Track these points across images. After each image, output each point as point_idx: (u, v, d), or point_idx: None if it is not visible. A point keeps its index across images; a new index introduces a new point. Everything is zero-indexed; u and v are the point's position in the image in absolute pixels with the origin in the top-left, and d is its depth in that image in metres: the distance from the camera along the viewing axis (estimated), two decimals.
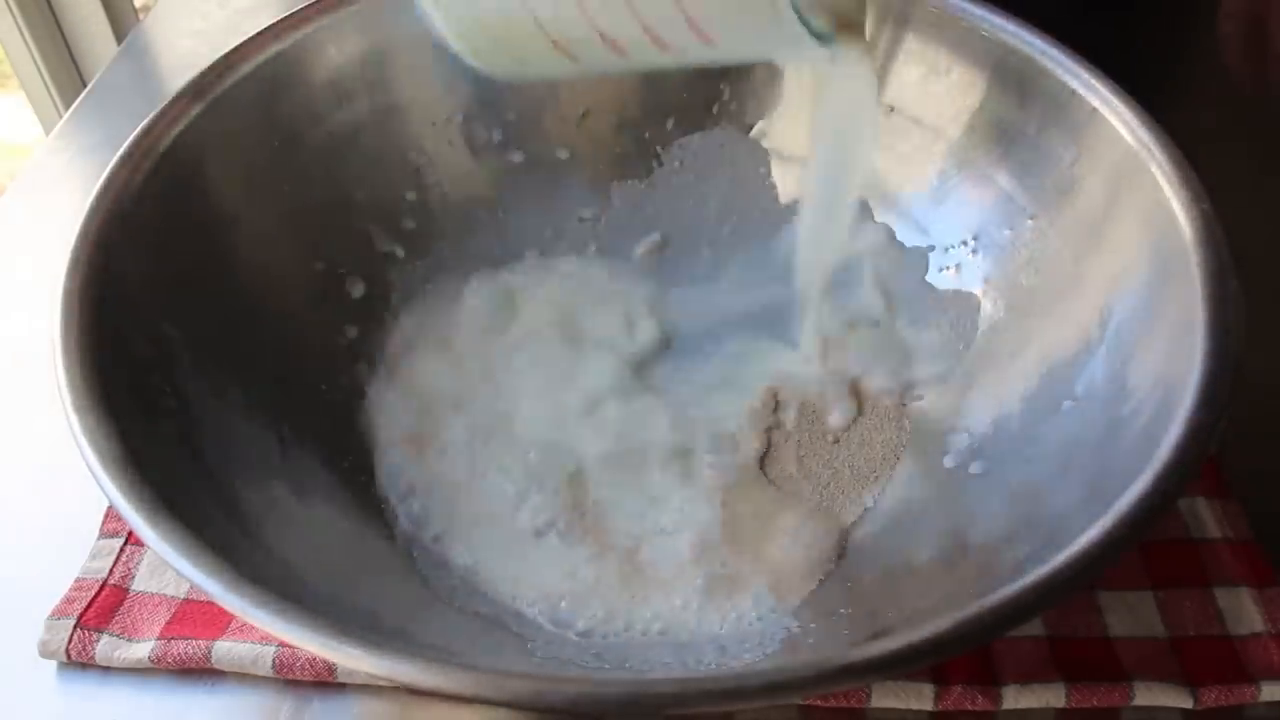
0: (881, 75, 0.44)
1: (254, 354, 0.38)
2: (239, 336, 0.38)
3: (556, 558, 0.38)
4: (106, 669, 0.35)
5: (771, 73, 0.46)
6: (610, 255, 0.47)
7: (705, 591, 0.36)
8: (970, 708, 0.34)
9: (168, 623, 0.36)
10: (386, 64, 0.43)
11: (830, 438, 0.41)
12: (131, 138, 0.36)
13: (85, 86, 0.60)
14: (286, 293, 0.41)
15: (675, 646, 0.35)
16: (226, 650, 0.35)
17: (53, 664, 0.36)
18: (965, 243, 0.42)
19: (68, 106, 0.65)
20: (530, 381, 0.43)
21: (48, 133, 0.71)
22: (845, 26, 0.32)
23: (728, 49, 0.33)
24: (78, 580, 0.37)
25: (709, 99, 0.47)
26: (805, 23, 0.30)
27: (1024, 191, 0.40)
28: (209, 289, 0.37)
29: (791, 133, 0.46)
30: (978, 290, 0.41)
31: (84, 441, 0.29)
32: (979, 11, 0.40)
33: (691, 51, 0.32)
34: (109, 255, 0.33)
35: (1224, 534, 0.38)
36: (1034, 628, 0.35)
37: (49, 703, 0.35)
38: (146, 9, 0.77)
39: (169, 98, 0.38)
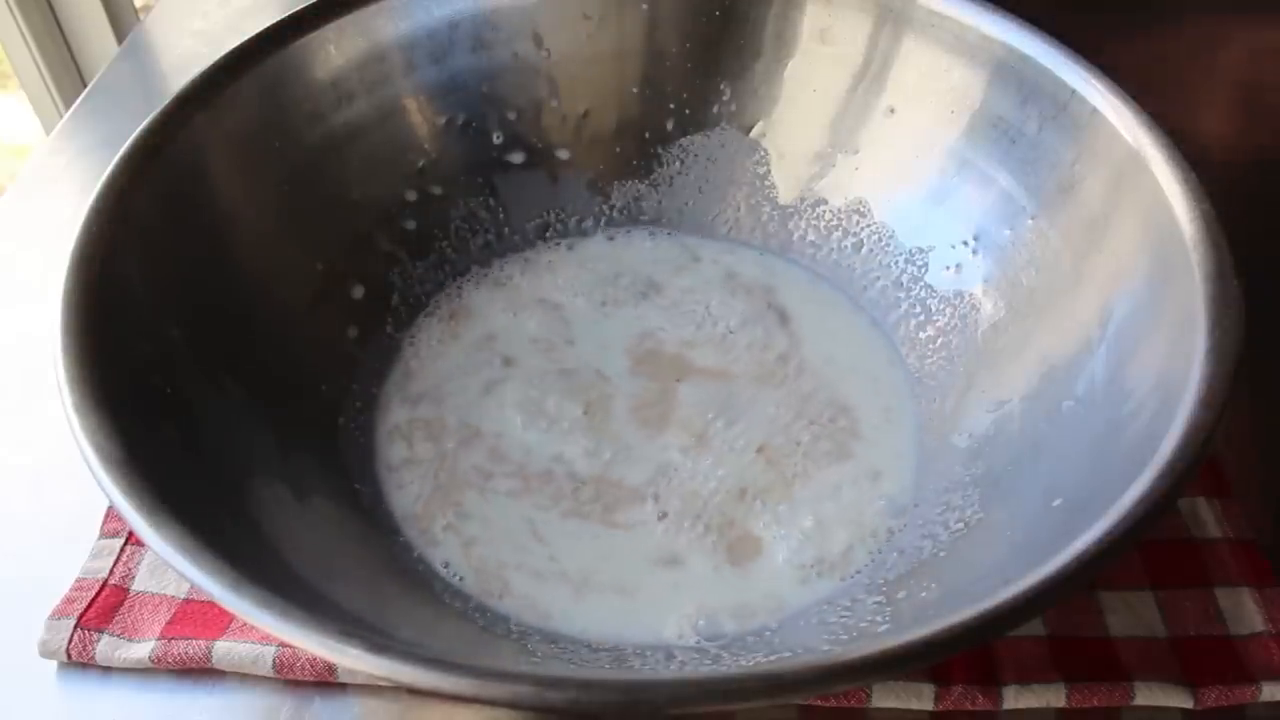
0: (881, 75, 0.44)
1: (254, 354, 0.38)
2: (239, 337, 0.38)
3: (558, 567, 0.38)
4: (107, 669, 0.35)
5: (771, 72, 0.46)
6: (609, 255, 0.47)
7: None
8: (970, 708, 0.34)
9: (168, 623, 0.36)
10: (386, 64, 0.43)
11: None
12: (131, 138, 0.36)
13: (85, 86, 0.60)
14: (287, 293, 0.41)
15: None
16: (227, 650, 0.35)
17: (53, 664, 0.36)
18: (965, 243, 0.42)
19: (68, 106, 0.65)
20: (531, 388, 0.43)
21: (48, 133, 0.71)
22: None
23: None
24: (78, 580, 0.37)
25: (709, 99, 0.47)
26: None
27: (1024, 191, 0.40)
28: (209, 289, 0.37)
29: (791, 133, 0.46)
30: (978, 290, 0.41)
31: (84, 441, 0.29)
32: (979, 11, 0.40)
33: None
34: (110, 255, 0.33)
35: (1224, 534, 0.38)
36: (1034, 628, 0.35)
37: (49, 703, 0.35)
38: (146, 9, 0.77)
39: (169, 98, 0.38)
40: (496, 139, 0.46)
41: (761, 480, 0.39)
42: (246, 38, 0.40)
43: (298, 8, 0.41)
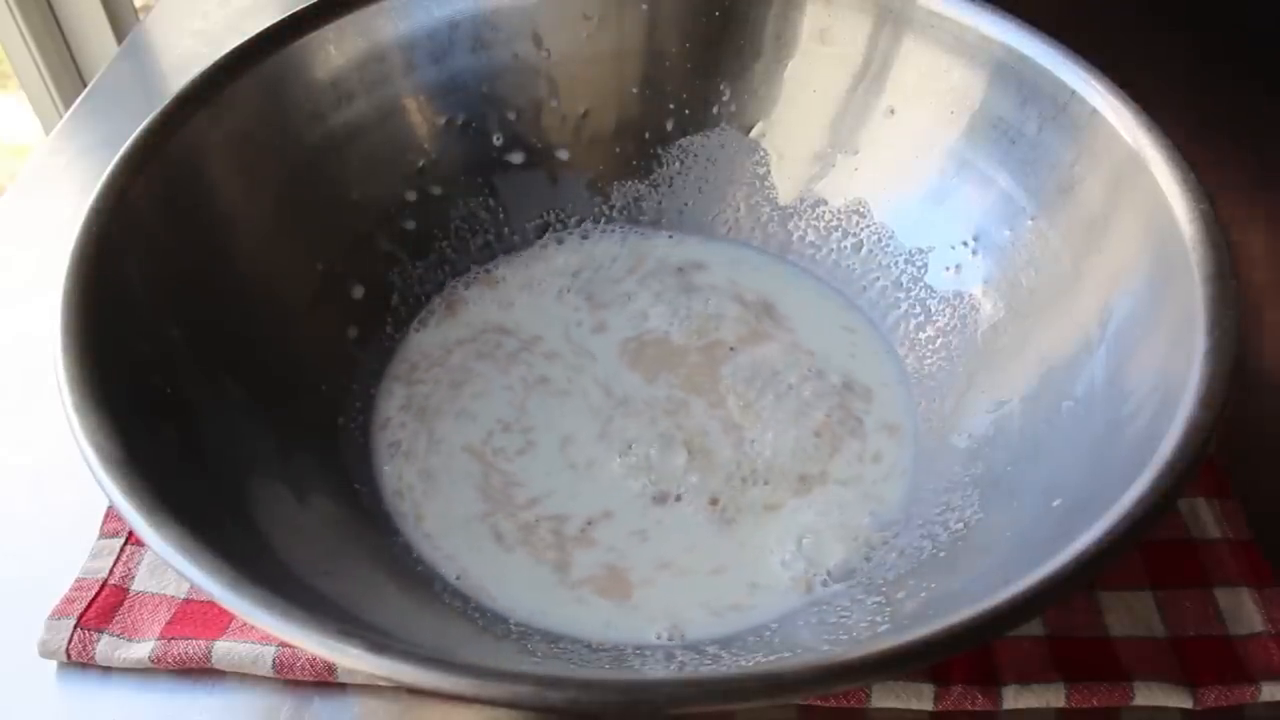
0: (881, 76, 0.44)
1: (254, 354, 0.38)
2: (239, 337, 0.38)
3: (558, 571, 0.38)
4: (106, 669, 0.35)
5: (771, 73, 0.46)
6: (608, 255, 0.47)
7: None
8: (970, 708, 0.34)
9: (168, 623, 0.36)
10: (386, 64, 0.43)
11: None
12: (132, 138, 0.36)
13: (85, 86, 0.60)
14: (286, 293, 0.41)
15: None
16: (226, 650, 0.35)
17: (53, 664, 0.36)
18: (965, 243, 0.42)
19: (68, 106, 0.65)
20: (531, 391, 0.43)
21: (48, 133, 0.71)
22: None
23: None
24: (78, 580, 0.37)
25: (709, 99, 0.47)
26: None
27: (1024, 191, 0.40)
28: (209, 289, 0.37)
29: (791, 133, 0.46)
30: (978, 290, 0.41)
31: (84, 441, 0.29)
32: (979, 11, 0.40)
33: None
34: (110, 255, 0.33)
35: (1224, 534, 0.38)
36: (1034, 628, 0.36)
37: (49, 703, 0.35)
38: (146, 9, 0.77)
39: (169, 98, 0.38)
40: (496, 139, 0.46)
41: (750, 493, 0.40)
42: (246, 38, 0.40)
43: (298, 8, 0.41)
